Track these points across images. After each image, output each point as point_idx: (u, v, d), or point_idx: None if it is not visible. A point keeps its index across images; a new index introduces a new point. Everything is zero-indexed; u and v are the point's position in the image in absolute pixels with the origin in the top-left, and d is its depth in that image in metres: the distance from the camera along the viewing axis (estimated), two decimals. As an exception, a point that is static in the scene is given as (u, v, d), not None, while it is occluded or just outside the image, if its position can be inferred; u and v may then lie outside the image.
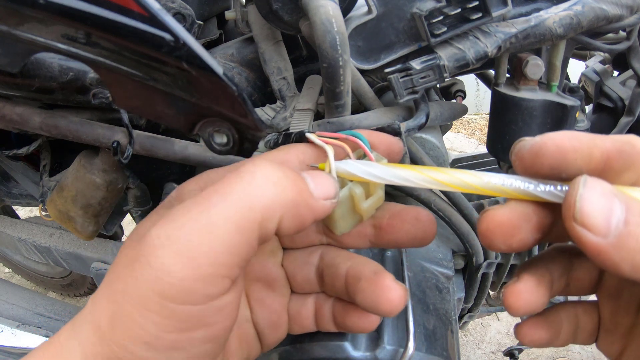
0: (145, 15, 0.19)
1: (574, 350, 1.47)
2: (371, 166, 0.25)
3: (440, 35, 0.37)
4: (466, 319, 0.72)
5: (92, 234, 0.55)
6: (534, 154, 0.22)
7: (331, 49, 0.33)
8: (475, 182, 0.23)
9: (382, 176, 0.25)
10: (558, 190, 0.22)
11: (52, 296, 1.22)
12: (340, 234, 0.28)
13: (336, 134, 0.27)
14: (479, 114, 2.72)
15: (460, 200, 0.46)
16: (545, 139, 0.22)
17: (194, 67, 0.21)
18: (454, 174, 0.23)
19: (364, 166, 0.25)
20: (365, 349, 0.37)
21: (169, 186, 0.57)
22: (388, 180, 0.25)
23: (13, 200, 0.79)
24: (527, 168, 0.23)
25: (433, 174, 0.24)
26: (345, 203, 0.26)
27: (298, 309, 0.32)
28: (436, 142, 0.47)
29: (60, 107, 0.46)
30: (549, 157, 0.21)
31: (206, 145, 0.26)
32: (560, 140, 0.21)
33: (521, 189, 0.22)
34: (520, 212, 0.22)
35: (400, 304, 0.26)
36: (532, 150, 0.22)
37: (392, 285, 0.27)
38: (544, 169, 0.22)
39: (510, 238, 0.22)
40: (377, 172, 0.25)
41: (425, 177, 0.24)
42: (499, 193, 0.23)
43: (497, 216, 0.22)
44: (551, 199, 0.22)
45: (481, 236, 0.23)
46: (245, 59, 0.50)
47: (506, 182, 0.23)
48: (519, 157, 0.23)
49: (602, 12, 0.38)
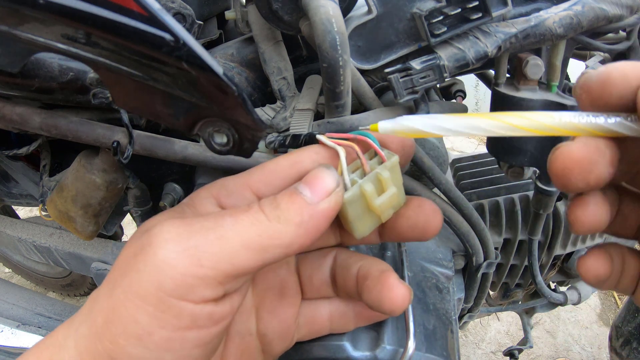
0: (145, 15, 0.19)
1: (574, 351, 1.47)
2: (437, 119, 0.24)
3: (440, 35, 0.37)
4: (466, 319, 0.72)
5: (92, 234, 0.55)
6: (601, 84, 0.21)
7: (331, 49, 0.33)
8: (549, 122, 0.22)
9: (452, 128, 0.23)
10: (628, 121, 0.21)
11: (52, 296, 1.22)
12: (360, 237, 0.28)
13: (346, 135, 0.27)
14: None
15: (460, 200, 0.46)
16: (611, 69, 0.21)
17: (194, 67, 0.20)
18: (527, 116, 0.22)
19: (430, 119, 0.24)
20: (365, 349, 0.37)
21: (169, 186, 0.57)
22: (460, 131, 0.23)
23: (13, 200, 0.79)
24: (594, 100, 0.22)
25: (507, 119, 0.23)
26: (357, 202, 0.26)
27: (312, 314, 0.32)
28: (436, 142, 0.47)
29: (60, 107, 0.46)
30: (617, 86, 0.21)
31: (206, 145, 0.26)
32: (624, 68, 0.21)
33: (593, 123, 0.21)
34: (595, 146, 0.21)
35: (403, 303, 0.27)
36: (599, 80, 0.21)
37: (395, 284, 0.27)
38: (612, 99, 0.21)
39: (589, 174, 0.21)
40: (445, 124, 0.23)
41: (498, 123, 0.23)
42: (572, 130, 0.22)
43: (574, 152, 0.21)
44: (622, 130, 0.21)
45: (556, 176, 0.22)
46: (245, 59, 0.50)
47: (578, 117, 0.22)
48: (585, 89, 0.22)
49: (602, 12, 0.38)
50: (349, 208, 0.26)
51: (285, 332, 0.31)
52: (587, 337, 1.51)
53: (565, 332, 1.53)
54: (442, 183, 0.44)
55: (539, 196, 0.53)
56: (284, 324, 0.30)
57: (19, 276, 1.52)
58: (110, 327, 0.21)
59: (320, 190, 0.24)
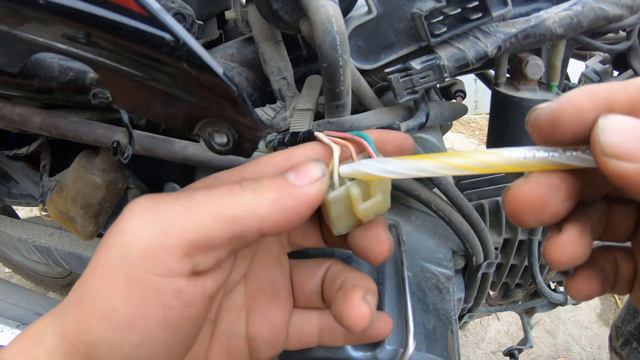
0: (145, 15, 0.19)
1: (574, 351, 1.47)
2: (383, 162, 0.24)
3: (440, 35, 0.37)
4: (466, 319, 0.72)
5: (92, 234, 0.55)
6: (552, 122, 0.20)
7: (331, 49, 0.33)
8: (496, 161, 0.22)
9: (396, 170, 0.24)
10: (587, 153, 0.20)
11: (52, 296, 1.22)
12: (338, 234, 0.28)
13: (343, 134, 0.27)
14: (479, 114, 2.72)
15: (460, 200, 0.46)
16: (562, 104, 0.20)
17: (194, 67, 0.20)
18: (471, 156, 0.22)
19: (376, 163, 0.24)
20: (365, 349, 0.37)
21: (169, 186, 0.57)
22: (403, 173, 0.24)
23: (13, 200, 0.79)
24: (546, 138, 0.21)
25: (450, 160, 0.22)
26: (342, 202, 0.26)
27: (301, 325, 0.31)
28: (436, 142, 0.47)
29: (60, 107, 0.46)
30: (569, 123, 0.20)
31: (206, 145, 0.26)
32: (578, 101, 0.19)
33: (546, 159, 0.21)
34: (547, 184, 0.21)
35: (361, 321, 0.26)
36: (550, 118, 0.20)
37: (357, 302, 0.26)
38: (565, 136, 0.20)
39: (541, 213, 0.21)
40: (390, 167, 0.24)
41: (441, 164, 0.23)
42: (522, 168, 0.21)
43: (523, 193, 0.21)
44: (580, 164, 0.20)
45: (509, 216, 0.21)
46: (245, 59, 0.50)
47: (528, 154, 0.21)
48: (535, 127, 0.21)
49: (602, 12, 0.38)
50: (333, 206, 0.26)
51: (275, 338, 0.30)
52: (587, 337, 1.51)
53: (565, 332, 1.53)
54: (442, 183, 0.44)
55: (539, 196, 0.53)
56: (274, 329, 0.30)
57: (19, 276, 1.52)
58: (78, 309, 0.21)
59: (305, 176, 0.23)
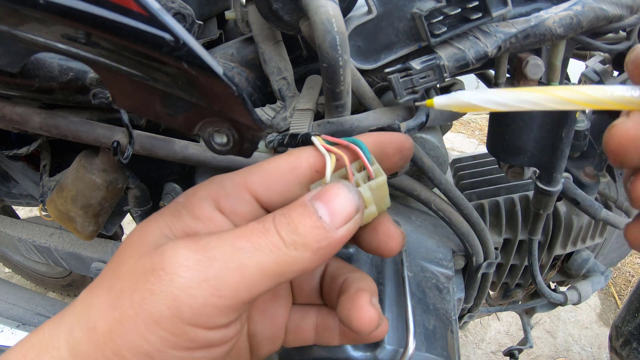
0: (145, 15, 0.19)
1: (574, 351, 1.47)
2: (487, 92, 0.24)
3: (440, 35, 0.37)
4: (466, 319, 0.72)
5: (92, 234, 0.55)
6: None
7: (331, 49, 0.33)
8: (602, 95, 0.22)
9: (501, 101, 0.23)
10: None
11: (52, 296, 1.22)
12: None
13: (340, 140, 0.27)
14: (479, 114, 2.72)
15: (460, 200, 0.46)
16: None
17: (194, 67, 0.20)
18: (579, 90, 0.22)
19: (484, 94, 0.24)
20: (365, 349, 0.37)
21: (169, 186, 0.57)
22: (509, 105, 0.23)
23: (13, 200, 0.79)
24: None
25: (557, 92, 0.22)
26: None
27: (298, 321, 0.32)
28: (436, 142, 0.47)
29: (60, 107, 0.46)
30: None
31: (206, 145, 0.26)
32: None
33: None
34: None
35: (370, 326, 0.26)
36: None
37: (365, 306, 0.26)
38: None
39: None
40: (495, 98, 0.23)
41: (549, 97, 0.22)
42: (626, 105, 0.21)
43: (630, 130, 0.20)
44: None
45: (613, 154, 0.21)
46: (245, 59, 0.50)
47: (634, 92, 0.21)
48: (637, 63, 0.21)
49: (602, 12, 0.38)
50: None
51: (275, 334, 0.31)
52: (587, 337, 1.51)
53: (565, 332, 1.53)
54: (442, 183, 0.44)
55: (539, 196, 0.53)
56: (275, 326, 0.31)
57: (19, 276, 1.52)
58: (114, 339, 0.21)
59: (340, 216, 0.23)
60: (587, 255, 0.70)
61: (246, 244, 0.22)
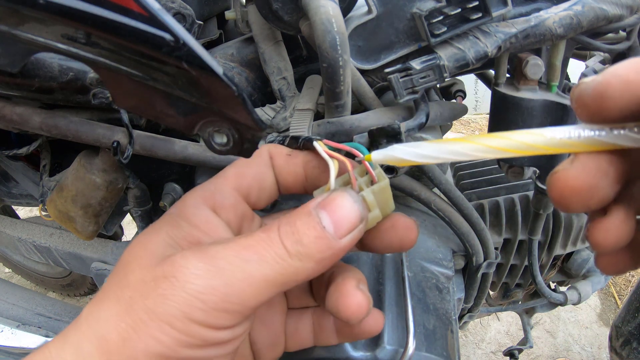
0: (145, 15, 0.19)
1: (574, 351, 1.47)
2: (417, 147, 0.24)
3: (440, 35, 0.37)
4: (466, 319, 0.72)
5: (92, 234, 0.55)
6: (599, 97, 0.19)
7: (331, 49, 0.33)
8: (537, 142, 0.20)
9: (431, 155, 0.23)
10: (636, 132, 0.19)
11: (52, 296, 1.22)
12: None
13: (341, 146, 0.27)
14: (479, 114, 2.72)
15: (460, 200, 0.46)
16: (609, 77, 0.18)
17: (194, 67, 0.20)
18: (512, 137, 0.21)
19: (410, 148, 0.24)
20: (365, 349, 0.37)
21: (169, 186, 0.57)
22: (439, 157, 0.23)
23: (13, 200, 0.79)
24: (592, 115, 0.19)
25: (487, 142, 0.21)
26: None
27: (295, 325, 0.32)
28: (436, 142, 0.47)
29: (60, 107, 0.46)
30: (616, 97, 0.18)
31: (206, 145, 0.26)
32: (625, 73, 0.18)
33: (592, 138, 0.19)
34: (595, 169, 0.19)
35: (359, 311, 0.26)
36: (596, 92, 0.19)
37: (352, 292, 0.26)
38: (612, 112, 0.19)
39: (589, 200, 0.19)
40: (425, 152, 0.23)
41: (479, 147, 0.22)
42: (567, 149, 0.20)
43: (570, 179, 0.19)
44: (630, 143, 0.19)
45: (555, 201, 0.20)
46: (245, 59, 0.50)
47: (573, 134, 0.20)
48: (580, 103, 0.20)
49: (602, 12, 0.38)
50: None
51: (275, 341, 0.31)
52: (587, 337, 1.51)
53: (565, 332, 1.53)
54: (442, 183, 0.44)
55: (539, 196, 0.53)
56: (273, 333, 0.31)
57: (19, 276, 1.52)
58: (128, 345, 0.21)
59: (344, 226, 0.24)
60: (587, 255, 0.70)
61: (253, 255, 0.23)
